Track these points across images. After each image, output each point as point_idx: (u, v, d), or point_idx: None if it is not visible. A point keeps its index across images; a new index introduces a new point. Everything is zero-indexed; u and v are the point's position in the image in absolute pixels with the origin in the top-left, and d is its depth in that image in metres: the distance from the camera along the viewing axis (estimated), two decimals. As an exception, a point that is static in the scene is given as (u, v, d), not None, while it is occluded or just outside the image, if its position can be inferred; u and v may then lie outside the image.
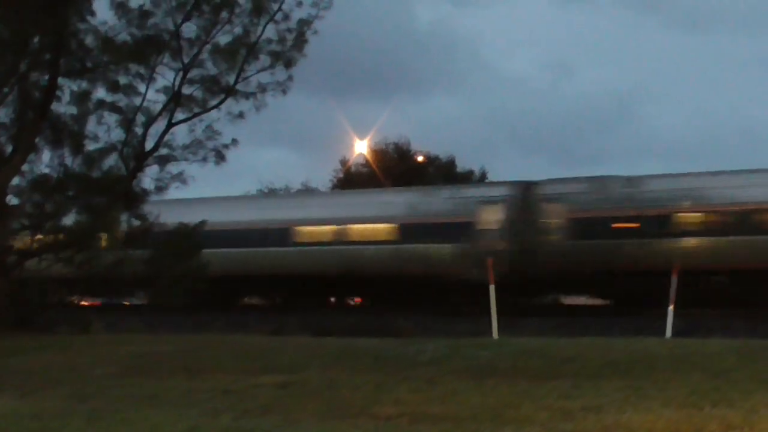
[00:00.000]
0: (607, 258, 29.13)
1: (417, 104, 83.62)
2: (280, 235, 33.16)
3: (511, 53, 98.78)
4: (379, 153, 49.67)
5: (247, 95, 23.17)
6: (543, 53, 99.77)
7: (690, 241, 28.63)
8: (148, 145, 23.29)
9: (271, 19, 22.91)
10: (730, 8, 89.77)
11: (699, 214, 28.73)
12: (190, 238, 25.07)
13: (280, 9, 22.86)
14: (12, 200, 23.20)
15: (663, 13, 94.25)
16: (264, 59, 23.15)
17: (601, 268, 29.33)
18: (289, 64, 23.17)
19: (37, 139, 22.36)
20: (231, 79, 23.20)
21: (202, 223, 25.66)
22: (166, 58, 22.87)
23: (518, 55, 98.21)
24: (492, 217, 31.28)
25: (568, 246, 29.94)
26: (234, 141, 23.79)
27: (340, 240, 32.89)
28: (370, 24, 73.87)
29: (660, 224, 28.85)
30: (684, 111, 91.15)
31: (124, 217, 23.89)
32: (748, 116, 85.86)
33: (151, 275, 23.92)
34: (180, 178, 23.70)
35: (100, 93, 23.01)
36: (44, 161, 23.19)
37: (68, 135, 22.92)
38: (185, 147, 23.48)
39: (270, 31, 23.09)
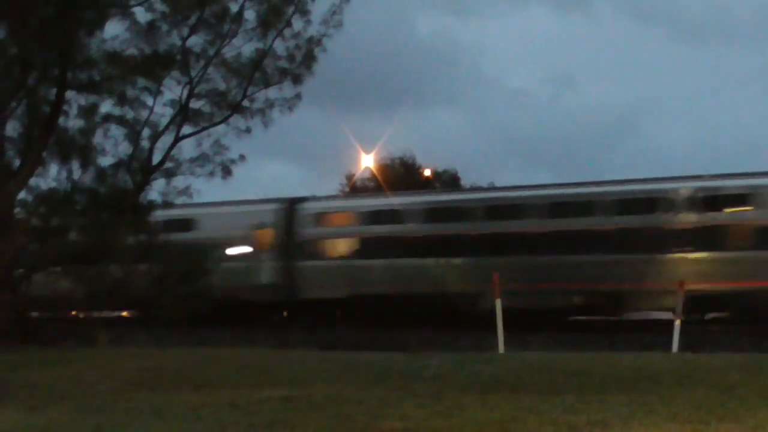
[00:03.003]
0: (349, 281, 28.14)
1: (420, 117, 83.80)
2: None
3: (513, 66, 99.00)
4: (385, 167, 49.85)
5: (254, 112, 23.23)
6: (546, 66, 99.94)
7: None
8: (155, 158, 23.38)
9: (279, 35, 22.96)
10: (735, 22, 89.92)
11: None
12: (198, 258, 25.09)
13: (287, 25, 22.91)
14: (19, 214, 23.22)
15: (667, 26, 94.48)
16: (272, 74, 23.20)
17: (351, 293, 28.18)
18: (297, 80, 23.19)
19: (44, 153, 22.42)
20: (239, 95, 23.26)
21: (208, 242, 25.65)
22: (174, 72, 22.96)
23: (521, 68, 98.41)
24: (254, 235, 30.22)
25: (322, 267, 28.92)
26: (241, 156, 23.86)
27: None
28: (371, 37, 74.07)
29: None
30: (688, 124, 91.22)
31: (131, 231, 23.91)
32: (753, 130, 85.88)
33: (157, 293, 23.92)
34: (186, 191, 23.79)
35: (107, 107, 23.14)
36: (51, 175, 23.29)
37: (75, 149, 22.97)
38: (192, 160, 23.57)
39: (279, 48, 23.19)
